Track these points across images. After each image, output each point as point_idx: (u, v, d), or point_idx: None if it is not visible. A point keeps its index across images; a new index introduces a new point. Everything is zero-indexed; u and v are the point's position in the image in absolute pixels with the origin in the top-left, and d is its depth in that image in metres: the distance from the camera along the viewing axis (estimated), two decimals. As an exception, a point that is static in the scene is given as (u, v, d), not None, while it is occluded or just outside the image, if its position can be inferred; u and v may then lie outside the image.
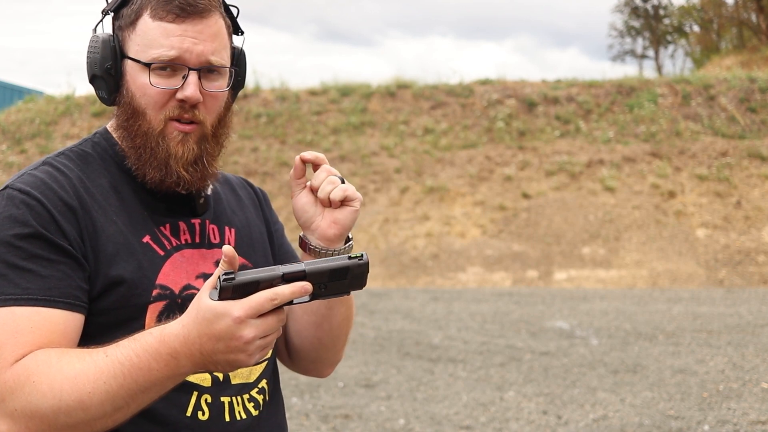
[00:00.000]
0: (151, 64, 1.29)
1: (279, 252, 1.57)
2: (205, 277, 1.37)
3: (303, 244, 1.42)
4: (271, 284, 1.13)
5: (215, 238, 1.43)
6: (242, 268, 1.42)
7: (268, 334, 1.14)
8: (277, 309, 1.14)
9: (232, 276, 1.12)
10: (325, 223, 1.40)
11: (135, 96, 1.32)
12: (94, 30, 1.36)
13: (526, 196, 15.85)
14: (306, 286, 1.14)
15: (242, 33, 1.42)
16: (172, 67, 1.30)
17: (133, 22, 1.31)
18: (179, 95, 1.31)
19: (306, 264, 1.15)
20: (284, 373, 1.66)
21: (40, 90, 22.60)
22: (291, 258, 1.58)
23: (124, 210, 1.33)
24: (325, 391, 6.30)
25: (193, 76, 1.31)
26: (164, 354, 1.15)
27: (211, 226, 1.44)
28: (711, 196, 15.72)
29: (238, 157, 16.81)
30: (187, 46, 1.29)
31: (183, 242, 1.38)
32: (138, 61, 1.30)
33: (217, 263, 1.40)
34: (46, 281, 1.22)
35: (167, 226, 1.37)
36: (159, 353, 1.15)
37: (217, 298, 1.13)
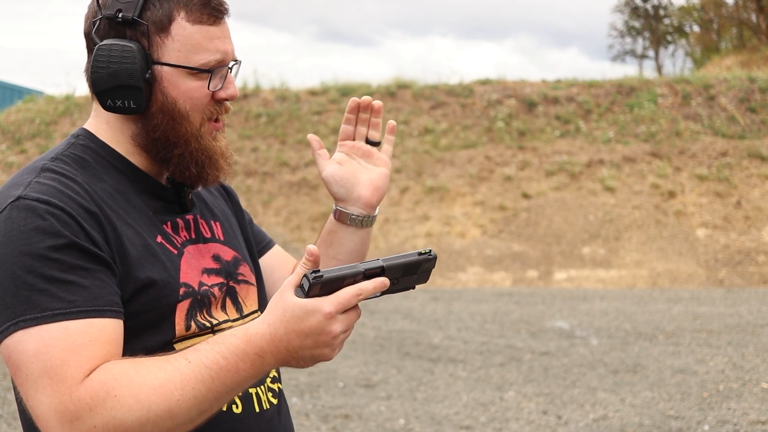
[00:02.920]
0: (211, 70, 1.33)
1: (257, 238, 1.63)
2: (209, 271, 1.39)
3: (342, 215, 1.53)
4: (354, 280, 1.18)
5: (207, 233, 1.45)
6: (235, 259, 1.46)
7: (349, 328, 1.19)
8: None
9: (321, 274, 1.15)
10: (368, 192, 1.52)
11: (178, 102, 1.32)
12: (97, 36, 1.31)
13: (526, 196, 15.85)
14: (385, 281, 1.20)
15: None
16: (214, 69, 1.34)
17: (165, 28, 1.30)
18: (223, 95, 1.36)
19: (383, 260, 1.21)
20: (284, 373, 1.67)
21: (40, 90, 22.61)
22: (263, 239, 1.65)
23: (133, 211, 1.32)
24: (325, 391, 6.30)
25: (231, 75, 1.37)
26: (251, 354, 1.16)
27: (201, 221, 1.45)
28: (711, 196, 15.72)
29: (238, 157, 16.81)
30: (226, 48, 1.35)
31: (184, 239, 1.39)
32: (189, 68, 1.31)
33: (214, 257, 1.42)
34: (90, 291, 1.19)
35: (168, 224, 1.37)
36: (246, 353, 1.16)
37: (304, 295, 1.16)
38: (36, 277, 1.17)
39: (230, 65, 1.37)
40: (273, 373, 1.46)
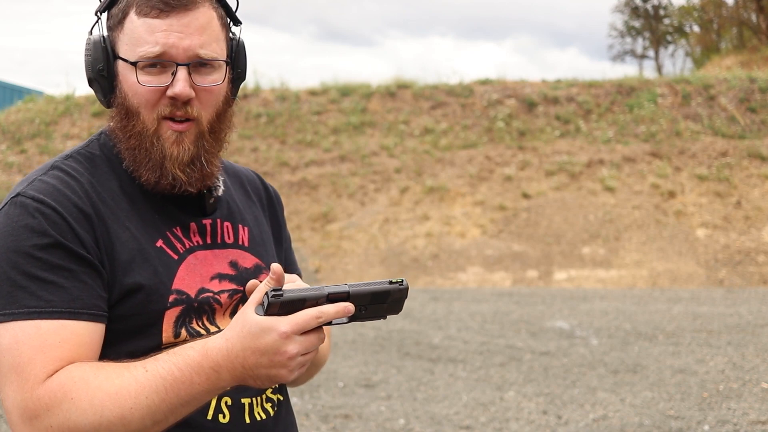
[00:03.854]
0: (137, 62, 1.27)
1: (286, 263, 1.55)
2: (220, 277, 1.36)
3: None
4: (316, 303, 1.16)
5: (229, 238, 1.41)
6: (256, 267, 1.42)
7: (309, 351, 1.17)
8: (318, 327, 1.17)
9: (281, 293, 1.14)
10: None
11: (128, 96, 1.30)
12: (90, 32, 1.34)
13: (526, 196, 15.85)
14: (349, 306, 1.16)
15: (240, 23, 1.39)
16: (161, 64, 1.27)
17: (120, 22, 1.29)
18: (169, 92, 1.28)
19: (350, 286, 1.18)
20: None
21: (40, 90, 22.60)
22: (294, 272, 1.54)
23: (135, 214, 1.31)
24: (325, 391, 6.30)
25: (182, 72, 1.27)
26: (206, 368, 1.15)
27: (226, 223, 1.42)
28: (711, 196, 15.72)
29: (238, 157, 16.81)
30: (172, 41, 1.26)
31: (195, 244, 1.36)
32: (127, 61, 1.28)
33: (231, 264, 1.39)
34: (69, 293, 1.20)
35: (178, 228, 1.35)
36: (201, 367, 1.15)
37: (263, 313, 1.15)
38: (19, 274, 1.18)
39: (188, 63, 1.27)
40: None
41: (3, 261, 1.20)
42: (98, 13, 1.33)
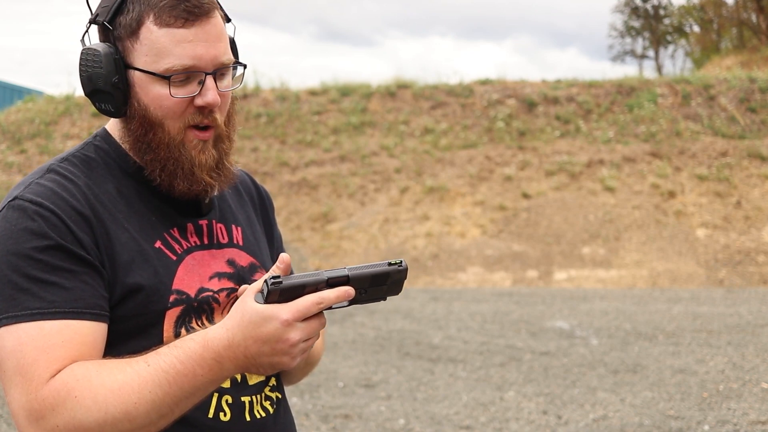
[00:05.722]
0: (170, 76, 1.25)
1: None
2: (219, 277, 1.37)
3: None
4: (316, 288, 1.15)
5: (224, 238, 1.42)
6: (252, 266, 1.43)
7: (311, 337, 1.17)
8: (320, 313, 1.17)
9: (280, 280, 1.13)
10: None
11: (149, 108, 1.29)
12: (82, 41, 1.32)
13: (526, 196, 15.85)
14: (349, 290, 1.17)
15: (230, 20, 1.38)
16: (189, 75, 1.27)
17: (134, 32, 1.27)
18: (199, 102, 1.28)
19: (349, 269, 1.18)
20: (284, 373, 1.68)
21: (40, 90, 22.60)
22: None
23: (133, 215, 1.31)
24: (325, 391, 6.30)
25: (210, 81, 1.28)
26: (208, 359, 1.16)
27: (219, 225, 1.43)
28: (711, 196, 15.71)
29: (238, 157, 16.77)
30: (200, 53, 1.26)
31: (192, 244, 1.37)
32: (152, 74, 1.26)
33: (228, 262, 1.40)
34: (71, 293, 1.20)
35: (175, 228, 1.36)
36: (203, 358, 1.16)
37: (263, 301, 1.15)
38: (20, 276, 1.19)
39: (214, 71, 1.28)
40: (272, 382, 1.43)
41: (3, 264, 1.20)
42: (101, 23, 1.30)
